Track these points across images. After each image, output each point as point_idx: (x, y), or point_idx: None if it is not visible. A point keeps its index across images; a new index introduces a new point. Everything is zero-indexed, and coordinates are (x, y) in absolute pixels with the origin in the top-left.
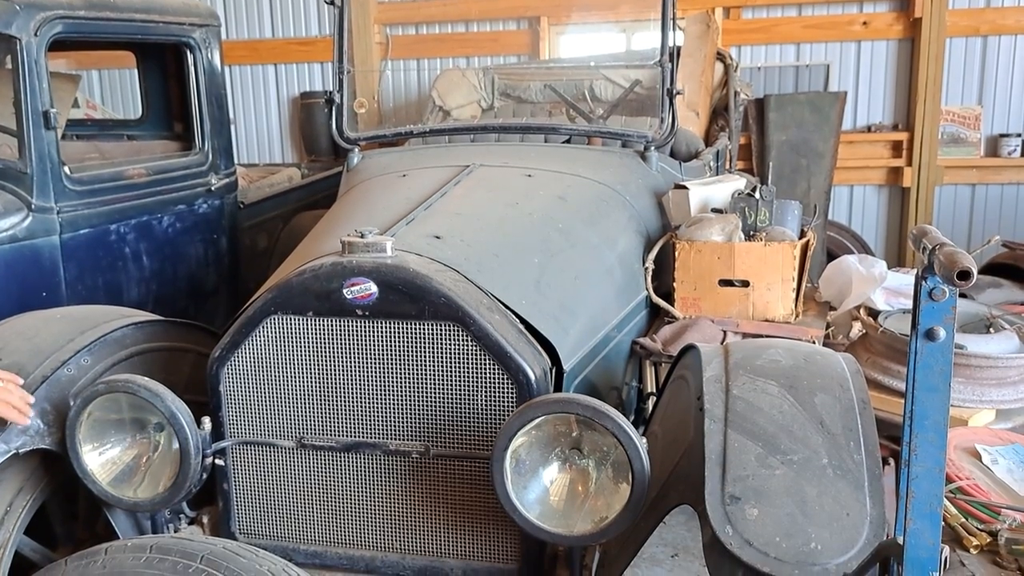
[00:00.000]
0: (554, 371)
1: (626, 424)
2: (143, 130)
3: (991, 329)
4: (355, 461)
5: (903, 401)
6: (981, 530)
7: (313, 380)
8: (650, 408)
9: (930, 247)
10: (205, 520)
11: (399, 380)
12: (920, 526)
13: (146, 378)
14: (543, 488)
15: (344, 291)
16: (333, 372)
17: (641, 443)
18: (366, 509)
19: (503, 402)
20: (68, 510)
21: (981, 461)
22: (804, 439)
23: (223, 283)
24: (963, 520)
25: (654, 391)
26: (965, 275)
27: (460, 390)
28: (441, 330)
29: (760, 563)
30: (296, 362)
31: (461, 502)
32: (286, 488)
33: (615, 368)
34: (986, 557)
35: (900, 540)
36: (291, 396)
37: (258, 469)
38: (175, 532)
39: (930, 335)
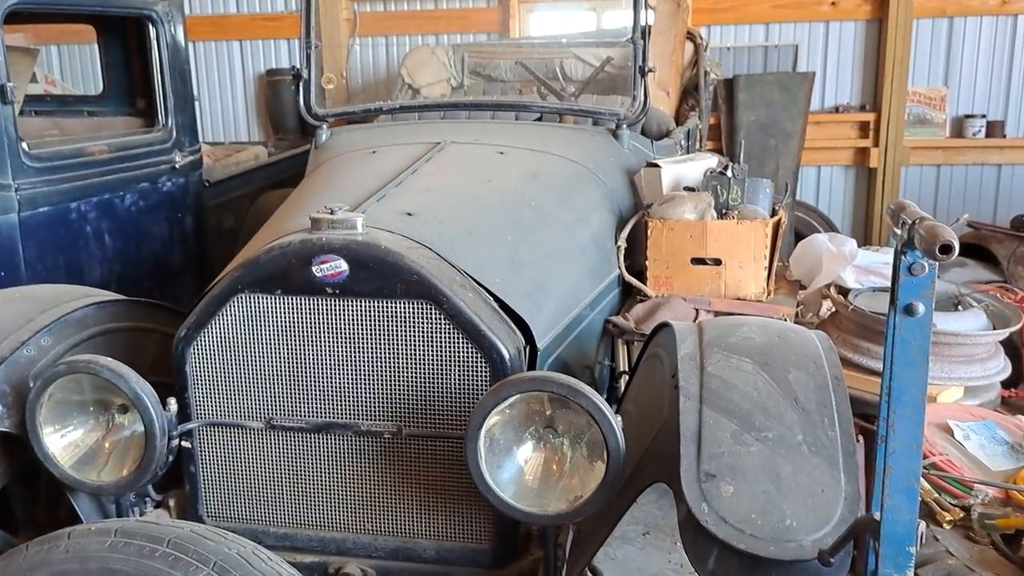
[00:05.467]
0: (528, 350)
1: (601, 402)
2: (104, 106)
3: (959, 307)
4: (325, 442)
5: (873, 379)
6: (954, 505)
7: (282, 360)
8: (623, 387)
9: (910, 221)
10: (172, 503)
11: (370, 359)
12: (897, 501)
13: (109, 358)
14: (517, 467)
15: (313, 269)
16: (302, 352)
17: (616, 421)
18: (337, 491)
19: (477, 381)
20: (29, 495)
21: (953, 437)
22: (779, 416)
23: (188, 263)
24: (936, 496)
25: (626, 370)
26: (947, 248)
27: (433, 369)
28: (413, 308)
29: (736, 540)
30: (264, 342)
31: (434, 482)
32: (255, 470)
33: (588, 347)
34: (959, 532)
35: (876, 516)
36: (259, 376)
37: (226, 451)
38: (140, 516)
39: (909, 310)
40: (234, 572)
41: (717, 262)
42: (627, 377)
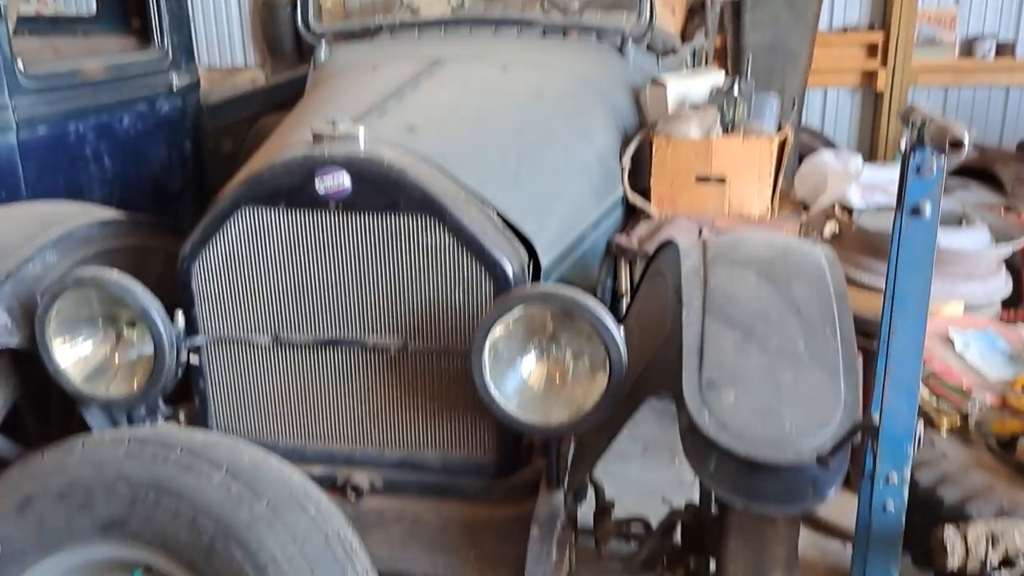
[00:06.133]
0: (531, 266)
1: (604, 314)
2: (98, 26)
3: (963, 223)
4: (332, 357)
5: (877, 296)
6: (952, 412)
7: (287, 275)
8: (625, 307)
9: (920, 121)
10: (182, 417)
11: (375, 275)
12: (897, 403)
13: (116, 271)
14: (520, 380)
15: (316, 183)
16: (308, 267)
17: (618, 333)
18: (344, 405)
19: (481, 296)
20: (41, 410)
21: (953, 346)
22: (781, 326)
23: (188, 187)
24: (935, 403)
25: (629, 290)
26: (958, 144)
27: (437, 284)
28: (417, 223)
29: (735, 446)
30: (269, 256)
31: (439, 396)
32: (263, 385)
33: (590, 266)
34: (956, 438)
35: (876, 418)
36: (265, 291)
37: (234, 367)
38: None
39: (916, 211)
40: (246, 476)
41: (722, 180)
42: (629, 297)
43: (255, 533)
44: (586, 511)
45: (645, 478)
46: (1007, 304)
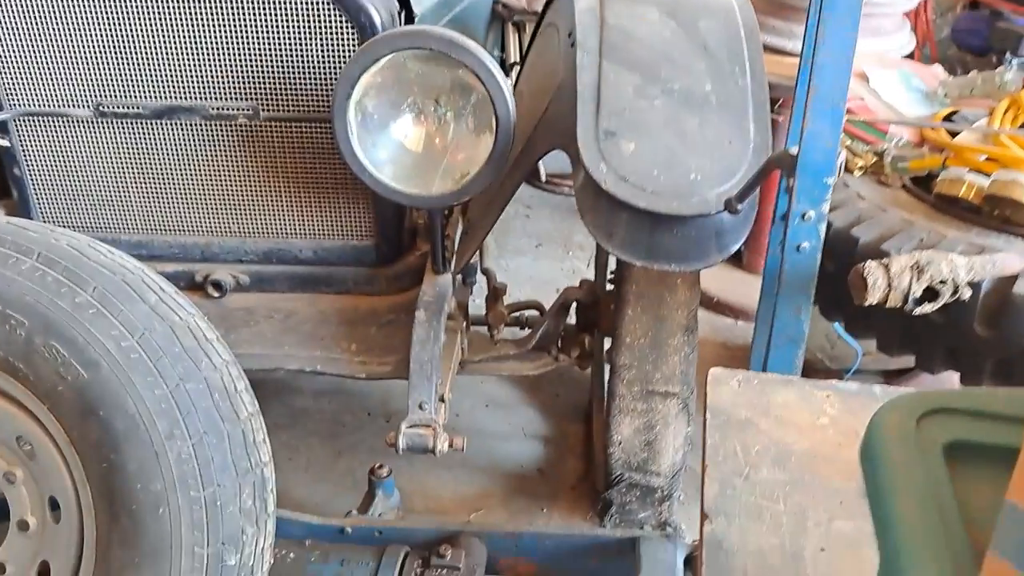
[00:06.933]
0: (403, 16)
1: (487, 59)
2: None
3: None
4: (169, 130)
5: (789, 60)
6: (867, 152)
7: (110, 33)
8: (515, 79)
9: None
10: (2, 214)
11: (217, 29)
12: (819, 127)
13: None
14: (396, 144)
15: None
16: (135, 24)
17: (504, 83)
18: (191, 188)
19: (344, 50)
20: None
21: (868, 84)
22: (686, 67)
23: None
24: (849, 143)
25: (519, 60)
26: None
27: (292, 39)
28: None
29: (635, 199)
30: (83, 5)
31: (304, 173)
32: (90, 169)
33: (474, 33)
34: (871, 178)
35: (793, 151)
36: (80, 50)
37: (52, 147)
38: None
39: None
40: (64, 263)
41: None
42: (519, 67)
43: (81, 326)
44: (479, 305)
45: (540, 271)
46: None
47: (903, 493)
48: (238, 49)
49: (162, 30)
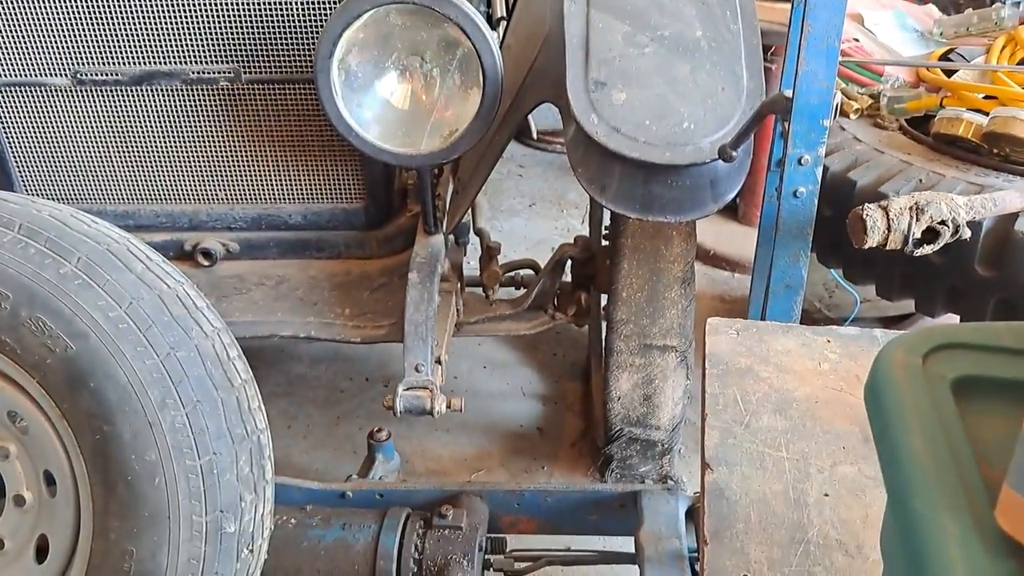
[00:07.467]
0: None
1: (472, 12)
2: None
3: None
4: (150, 97)
5: (781, 6)
6: (863, 94)
7: None
8: (502, 34)
9: None
10: None
11: None
12: (814, 67)
13: None
14: (382, 103)
15: None
16: None
17: (491, 35)
18: (175, 156)
19: (324, 6)
20: None
21: (863, 25)
22: (675, 12)
23: None
24: (844, 86)
25: (505, 15)
26: None
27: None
28: None
29: (628, 149)
30: None
31: (289, 136)
32: (72, 139)
33: None
34: (867, 121)
35: (788, 93)
36: (57, 19)
37: (31, 119)
38: None
39: None
40: (47, 234)
41: None
42: (506, 22)
43: (67, 297)
44: (473, 266)
45: (534, 230)
46: None
47: (912, 430)
48: (216, 10)
49: None
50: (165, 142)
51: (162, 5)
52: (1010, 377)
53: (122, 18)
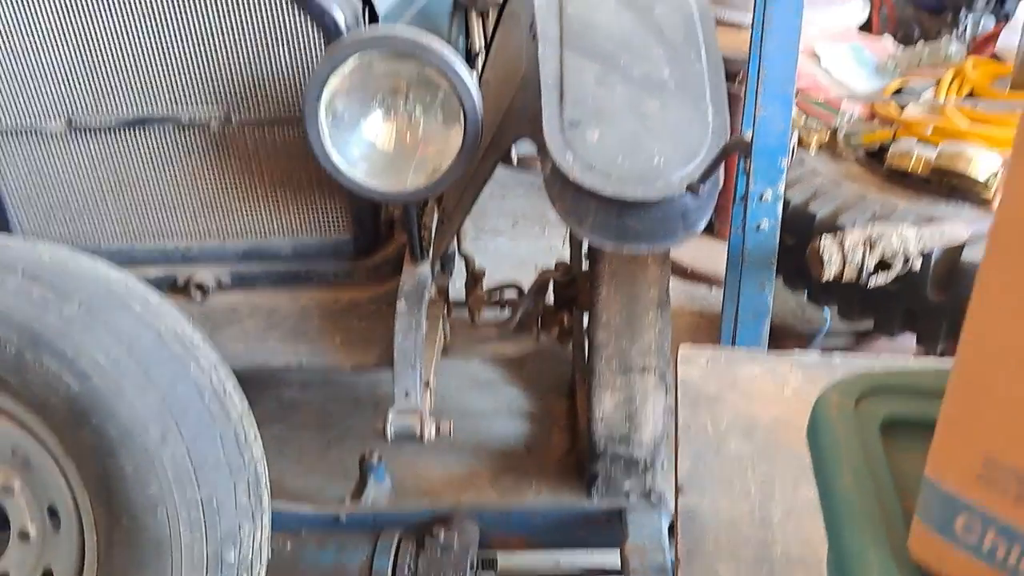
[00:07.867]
0: (367, 14)
1: (451, 54)
2: None
3: None
4: (143, 140)
5: (743, 34)
6: (821, 128)
7: (78, 48)
8: (481, 67)
9: None
10: None
11: (183, 37)
12: (771, 112)
13: None
14: (367, 142)
15: None
16: (102, 38)
17: (470, 75)
18: (169, 195)
19: (310, 52)
20: None
21: (819, 62)
22: (644, 53)
23: None
24: (803, 121)
25: (484, 48)
26: None
27: (258, 44)
28: None
29: (602, 186)
30: (49, 20)
31: (279, 174)
32: (68, 182)
33: (438, 23)
34: (825, 154)
35: (748, 135)
36: (49, 64)
37: (28, 163)
38: None
39: None
40: (48, 277)
41: None
42: (485, 54)
43: (69, 338)
44: (460, 288)
45: (516, 249)
46: (862, 30)
47: (843, 468)
48: (207, 57)
49: (130, 43)
50: (158, 183)
51: (155, 53)
52: (931, 417)
53: (115, 65)
